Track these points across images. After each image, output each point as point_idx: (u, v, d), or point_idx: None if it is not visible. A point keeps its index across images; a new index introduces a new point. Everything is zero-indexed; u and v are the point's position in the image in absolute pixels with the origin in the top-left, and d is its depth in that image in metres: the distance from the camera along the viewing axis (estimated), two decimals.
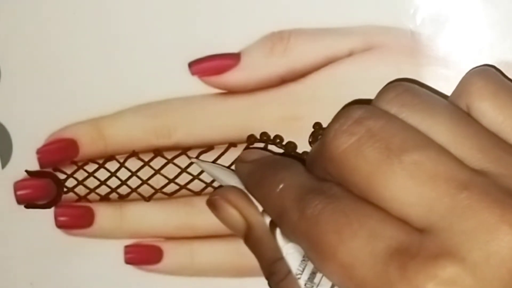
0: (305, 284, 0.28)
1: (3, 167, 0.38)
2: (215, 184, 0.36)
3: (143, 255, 0.38)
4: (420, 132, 0.26)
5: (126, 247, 0.38)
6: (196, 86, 0.36)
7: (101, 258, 0.38)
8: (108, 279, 0.38)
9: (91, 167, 0.38)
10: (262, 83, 0.35)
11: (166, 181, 0.37)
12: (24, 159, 0.38)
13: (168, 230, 0.37)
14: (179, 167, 0.37)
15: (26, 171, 0.38)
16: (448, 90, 0.33)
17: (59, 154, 0.38)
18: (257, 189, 0.31)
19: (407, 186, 0.25)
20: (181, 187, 0.37)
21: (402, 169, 0.25)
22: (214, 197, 0.32)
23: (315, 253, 0.26)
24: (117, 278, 0.38)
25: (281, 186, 0.28)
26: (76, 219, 0.38)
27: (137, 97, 0.37)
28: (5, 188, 0.38)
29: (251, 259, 0.36)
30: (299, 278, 0.28)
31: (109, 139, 0.37)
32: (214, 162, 0.36)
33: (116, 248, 0.38)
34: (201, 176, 0.37)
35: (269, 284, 0.29)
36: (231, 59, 0.35)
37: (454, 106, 0.27)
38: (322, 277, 0.27)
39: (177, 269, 0.37)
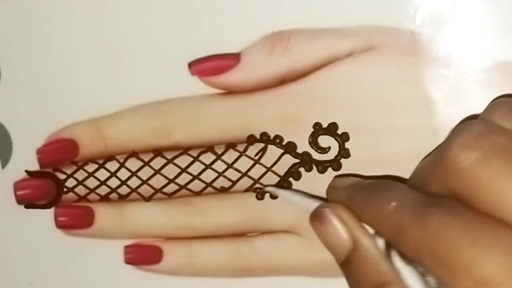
0: None
1: (3, 167, 0.38)
2: (215, 184, 0.36)
3: (143, 255, 0.38)
4: None
5: (126, 247, 0.38)
6: (196, 86, 0.36)
7: (101, 258, 0.38)
8: (108, 279, 0.38)
9: (91, 167, 0.38)
10: (262, 83, 0.35)
11: (166, 181, 0.37)
12: (24, 159, 0.38)
13: (168, 230, 0.37)
14: (179, 167, 0.37)
15: (26, 171, 0.38)
16: (448, 90, 0.33)
17: (59, 154, 0.38)
18: (365, 211, 0.29)
19: None
20: (181, 187, 0.37)
21: None
22: (324, 208, 0.30)
23: (444, 270, 0.25)
24: (117, 278, 0.38)
25: (393, 203, 0.27)
26: (76, 219, 0.38)
27: (137, 97, 0.37)
28: (5, 188, 0.38)
29: (250, 259, 0.36)
30: None
31: (109, 139, 0.37)
32: (213, 162, 0.36)
33: (116, 248, 0.38)
34: (201, 176, 0.37)
35: None
36: (231, 59, 0.35)
37: None
38: None
39: (177, 269, 0.37)
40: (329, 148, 0.35)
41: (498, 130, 0.26)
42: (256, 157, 0.36)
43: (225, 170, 0.36)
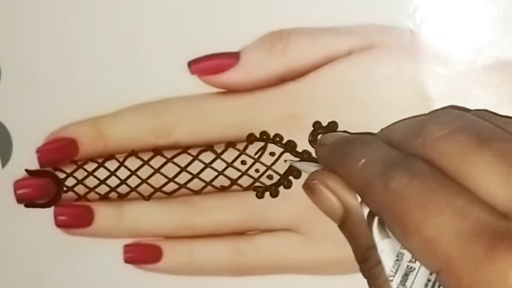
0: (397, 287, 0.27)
1: (3, 166, 0.38)
2: (215, 183, 0.36)
3: (142, 254, 0.38)
4: (507, 131, 0.27)
5: (126, 246, 0.38)
6: (195, 85, 0.36)
7: (100, 257, 0.38)
8: (107, 278, 0.38)
9: (90, 166, 0.38)
10: (261, 82, 0.35)
11: (166, 180, 0.37)
12: (24, 158, 0.38)
13: (168, 229, 0.37)
14: (178, 166, 0.37)
15: (26, 170, 0.38)
16: (447, 89, 0.34)
17: (59, 153, 0.38)
18: (339, 167, 0.30)
19: (496, 167, 0.25)
20: (181, 186, 0.37)
21: (491, 151, 0.25)
22: (313, 181, 0.31)
23: (398, 227, 0.26)
24: (117, 277, 0.38)
25: (363, 160, 0.28)
26: (76, 218, 0.38)
27: (136, 97, 0.37)
28: (5, 187, 0.38)
29: (250, 258, 0.37)
30: (391, 280, 0.28)
31: (108, 138, 0.37)
32: (213, 161, 0.36)
33: (115, 247, 0.38)
34: (200, 175, 0.37)
35: (361, 269, 0.29)
36: (231, 58, 0.35)
37: None
38: (414, 280, 0.27)
39: (177, 268, 0.38)
40: None
41: (469, 115, 0.28)
42: (256, 156, 0.36)
43: (225, 169, 0.36)
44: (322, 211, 0.31)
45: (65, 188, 0.38)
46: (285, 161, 0.36)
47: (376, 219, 0.28)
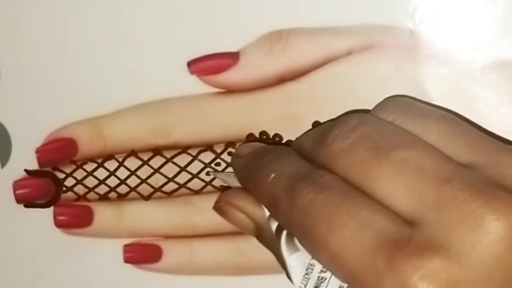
0: None
1: (2, 166, 0.38)
2: (215, 183, 0.36)
3: (142, 254, 0.38)
4: (410, 134, 0.27)
5: (125, 246, 0.38)
6: (195, 85, 0.36)
7: (100, 257, 0.38)
8: (107, 278, 0.38)
9: (90, 166, 0.38)
10: (261, 82, 0.35)
11: (165, 180, 0.37)
12: (24, 159, 0.38)
13: (167, 229, 0.37)
14: (178, 166, 0.37)
15: (26, 170, 0.38)
16: (447, 89, 0.34)
17: (58, 153, 0.38)
18: (250, 181, 0.31)
19: (395, 180, 0.25)
20: (180, 186, 0.37)
21: (390, 164, 0.26)
22: (219, 204, 0.32)
23: (307, 243, 0.27)
24: (117, 277, 0.38)
25: (272, 175, 0.29)
26: (75, 218, 0.38)
27: (136, 96, 0.37)
28: (4, 188, 0.38)
29: (250, 258, 0.37)
30: None
31: (108, 138, 0.37)
32: (213, 161, 0.36)
33: (115, 247, 0.38)
34: (200, 175, 0.37)
35: (288, 276, 0.29)
36: (230, 58, 0.35)
37: (444, 111, 0.29)
38: None
39: (177, 268, 0.38)
40: None
41: (370, 121, 0.28)
42: None
43: (225, 168, 0.36)
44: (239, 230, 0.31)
45: (64, 188, 0.38)
46: (207, 173, 0.36)
47: (284, 233, 0.29)
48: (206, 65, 0.36)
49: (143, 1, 0.36)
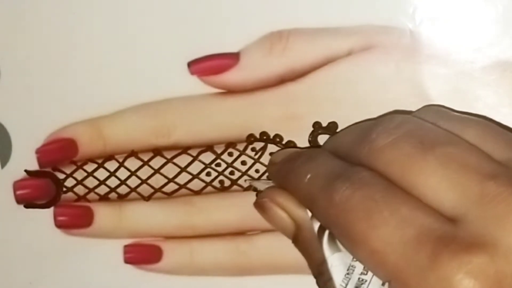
0: None
1: (2, 166, 0.38)
2: (215, 183, 0.36)
3: (142, 254, 0.38)
4: (451, 133, 0.27)
5: (126, 246, 0.38)
6: (195, 85, 0.36)
7: (100, 258, 0.38)
8: (107, 279, 0.38)
9: (90, 167, 0.38)
10: (261, 82, 0.35)
11: (166, 180, 0.37)
12: (24, 159, 0.38)
13: (168, 229, 0.37)
14: (178, 166, 0.37)
15: (26, 170, 0.38)
16: (447, 89, 0.34)
17: (59, 154, 0.38)
18: (287, 184, 0.31)
19: (440, 173, 0.25)
20: (181, 186, 0.37)
21: (435, 158, 0.26)
22: (263, 199, 0.31)
23: (346, 240, 0.27)
24: (117, 277, 0.38)
25: (308, 175, 0.29)
26: (76, 218, 0.38)
27: (136, 97, 0.37)
28: (4, 188, 0.38)
29: (250, 258, 0.37)
30: None
31: (108, 138, 0.37)
32: (213, 162, 0.36)
33: (115, 248, 0.38)
34: (200, 176, 0.37)
35: (317, 282, 0.29)
36: (230, 59, 0.35)
37: (479, 117, 0.29)
38: None
39: (177, 268, 0.38)
40: None
41: (414, 120, 0.28)
42: (256, 156, 0.36)
43: (225, 169, 0.36)
44: (275, 228, 0.31)
45: (64, 189, 0.38)
46: (245, 180, 0.36)
47: (326, 233, 0.28)
48: (207, 66, 0.36)
49: (143, 1, 0.36)
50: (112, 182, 0.38)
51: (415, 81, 0.34)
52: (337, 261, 0.28)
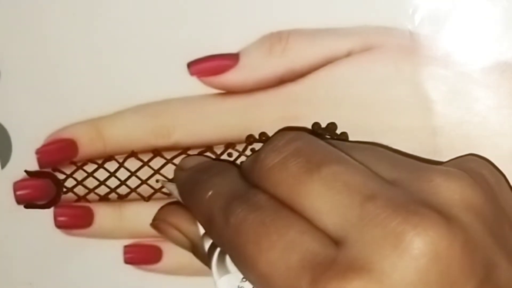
0: None
1: (2, 167, 0.38)
2: None
3: (142, 254, 0.38)
4: (341, 151, 0.27)
5: (126, 247, 0.38)
6: (195, 86, 0.36)
7: (100, 258, 0.38)
8: (107, 279, 0.38)
9: (90, 167, 0.38)
10: (260, 83, 0.35)
11: (166, 181, 0.37)
12: (24, 159, 0.38)
13: None
14: None
15: (26, 171, 0.38)
16: (446, 90, 0.34)
17: (59, 154, 0.38)
18: (189, 197, 0.31)
19: (324, 194, 0.25)
20: None
21: (320, 178, 0.26)
22: (155, 221, 0.33)
23: (238, 262, 0.27)
24: (117, 278, 0.38)
25: (210, 193, 0.29)
26: (76, 219, 0.38)
27: (136, 98, 0.37)
28: (4, 188, 0.38)
29: None
30: None
31: (108, 139, 0.37)
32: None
33: (115, 248, 0.38)
34: None
35: None
36: (230, 60, 0.35)
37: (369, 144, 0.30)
38: None
39: (177, 269, 0.38)
40: None
41: (304, 137, 0.28)
42: None
43: None
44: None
45: (64, 189, 0.38)
46: (157, 181, 0.37)
47: (216, 253, 0.29)
48: (206, 66, 0.36)
49: (143, 2, 0.36)
50: (112, 182, 0.38)
51: (414, 82, 0.34)
52: (224, 285, 0.28)
